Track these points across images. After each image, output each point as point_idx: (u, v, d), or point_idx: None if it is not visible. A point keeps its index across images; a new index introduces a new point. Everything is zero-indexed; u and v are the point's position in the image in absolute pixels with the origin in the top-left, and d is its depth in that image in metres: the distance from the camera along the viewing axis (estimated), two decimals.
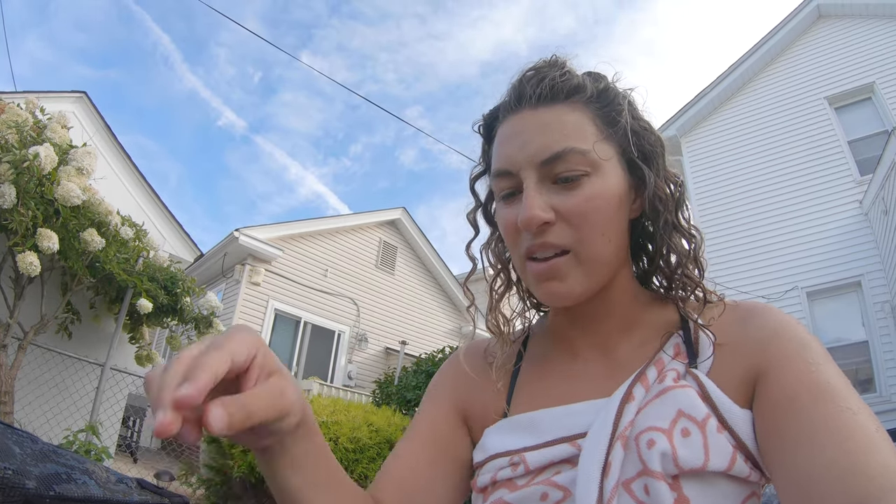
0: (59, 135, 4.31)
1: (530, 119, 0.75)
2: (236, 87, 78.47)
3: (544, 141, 0.72)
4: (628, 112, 0.76)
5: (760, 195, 10.29)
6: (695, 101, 11.79)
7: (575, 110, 0.74)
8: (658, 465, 0.62)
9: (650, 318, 0.81)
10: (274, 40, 35.06)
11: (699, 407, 0.65)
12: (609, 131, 0.75)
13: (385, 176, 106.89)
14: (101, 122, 8.29)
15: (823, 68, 10.66)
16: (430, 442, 0.86)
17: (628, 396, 0.69)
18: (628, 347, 0.79)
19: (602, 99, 0.76)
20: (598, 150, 0.72)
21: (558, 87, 0.75)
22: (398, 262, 14.88)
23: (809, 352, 0.65)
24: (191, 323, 5.80)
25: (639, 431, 0.65)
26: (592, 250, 0.73)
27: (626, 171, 0.76)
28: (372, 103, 7.39)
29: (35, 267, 3.99)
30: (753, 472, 0.63)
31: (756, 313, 0.73)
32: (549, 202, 0.72)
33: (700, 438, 0.62)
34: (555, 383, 0.82)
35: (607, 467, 0.64)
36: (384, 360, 13.49)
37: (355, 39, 56.83)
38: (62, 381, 5.25)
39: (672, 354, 0.74)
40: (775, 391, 0.63)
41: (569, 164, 0.71)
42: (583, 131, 0.73)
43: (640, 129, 0.77)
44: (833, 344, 8.84)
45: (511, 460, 0.74)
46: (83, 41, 63.53)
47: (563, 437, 0.72)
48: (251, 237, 11.25)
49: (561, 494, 0.68)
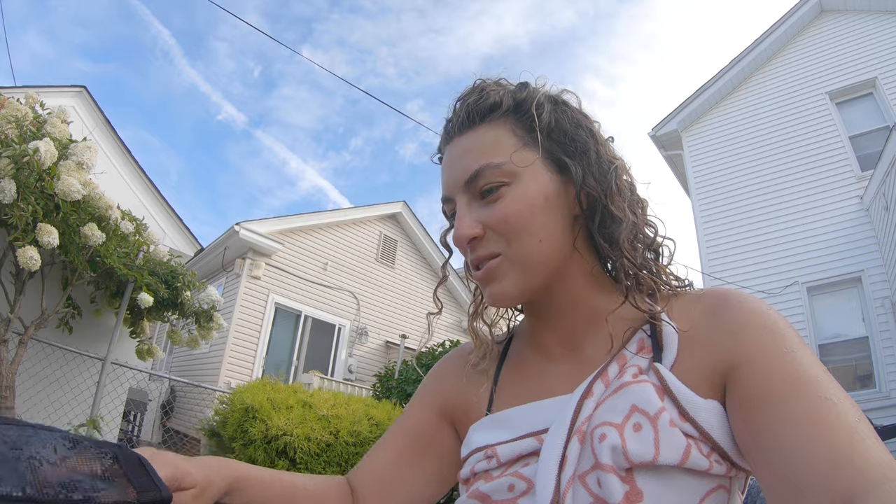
0: (58, 129, 4.30)
1: (456, 146, 0.83)
2: (236, 82, 78.32)
3: (466, 163, 0.80)
4: (550, 112, 0.81)
5: (761, 190, 10.28)
6: (696, 95, 11.77)
7: (493, 128, 0.80)
8: (609, 459, 0.63)
9: (619, 311, 0.79)
10: (274, 34, 34.99)
11: (653, 402, 0.65)
12: (528, 137, 0.79)
13: (385, 170, 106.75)
14: (101, 116, 8.26)
15: (825, 63, 10.63)
16: (412, 440, 0.94)
17: (588, 392, 0.72)
18: (595, 343, 0.81)
19: (519, 109, 0.81)
20: (516, 159, 0.77)
21: (474, 111, 0.81)
22: (398, 255, 14.86)
23: (782, 340, 0.65)
24: (191, 317, 5.82)
25: (594, 426, 0.67)
26: (521, 252, 0.77)
27: (556, 170, 0.80)
28: (372, 97, 7.37)
29: (35, 261, 3.99)
30: (718, 465, 0.63)
31: (725, 302, 0.73)
32: (478, 218, 0.79)
33: (651, 432, 0.63)
34: (530, 382, 0.85)
35: (564, 461, 0.67)
36: (384, 353, 13.50)
37: (355, 33, 56.67)
38: (63, 375, 5.28)
39: (635, 350, 0.75)
40: (751, 384, 0.63)
41: (487, 179, 0.77)
42: (499, 146, 0.78)
43: (565, 127, 0.81)
44: (833, 339, 8.86)
45: (486, 454, 0.78)
46: (83, 36, 63.37)
47: (530, 432, 0.76)
48: (251, 231, 11.24)
49: (525, 486, 0.71)
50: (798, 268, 9.40)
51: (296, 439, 4.97)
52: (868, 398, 7.92)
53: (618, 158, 0.83)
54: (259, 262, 11.58)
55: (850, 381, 8.44)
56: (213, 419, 6.11)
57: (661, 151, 12.60)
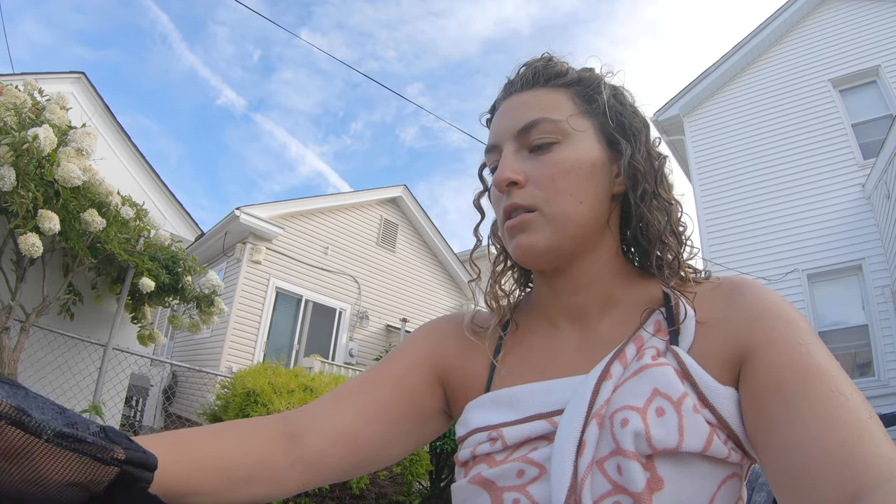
0: (58, 116, 4.29)
1: (515, 100, 0.83)
2: (235, 66, 77.99)
3: (522, 114, 0.80)
4: (610, 94, 0.82)
5: (762, 177, 10.24)
6: (698, 80, 11.68)
7: (555, 91, 0.82)
8: (631, 445, 0.61)
9: (634, 294, 0.80)
10: (273, 18, 34.74)
11: (676, 386, 0.64)
12: (587, 108, 0.81)
13: (385, 154, 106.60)
14: (101, 102, 8.21)
15: (829, 50, 10.54)
16: (400, 392, 0.84)
17: (605, 374, 0.69)
18: (609, 323, 0.79)
19: (583, 83, 0.83)
20: (572, 122, 0.79)
21: (540, 72, 0.83)
22: (399, 239, 14.85)
23: (798, 332, 0.64)
24: (192, 302, 5.85)
25: (614, 410, 0.65)
26: (558, 208, 0.76)
27: (605, 145, 0.81)
28: (373, 80, 7.31)
29: (37, 248, 4.00)
30: (734, 452, 0.63)
31: (742, 290, 0.72)
32: (522, 167, 0.78)
33: (675, 418, 0.62)
34: (535, 355, 0.83)
35: (582, 446, 0.65)
36: (385, 337, 13.54)
37: (355, 16, 56.41)
38: (65, 361, 5.30)
39: (652, 331, 0.73)
40: (763, 373, 0.62)
41: (540, 132, 0.78)
42: (558, 106, 0.80)
43: (621, 111, 0.82)
44: (832, 327, 8.87)
45: (489, 435, 0.74)
46: (81, 22, 62.99)
47: (540, 413, 0.72)
48: (252, 216, 11.22)
49: (537, 471, 0.68)
50: (798, 255, 9.39)
51: None
52: (867, 386, 7.93)
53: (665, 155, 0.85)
54: (260, 246, 11.58)
55: (850, 369, 8.45)
56: (215, 404, 6.14)
57: (663, 136, 12.49)
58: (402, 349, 0.91)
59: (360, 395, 0.83)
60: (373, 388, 0.84)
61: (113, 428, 0.49)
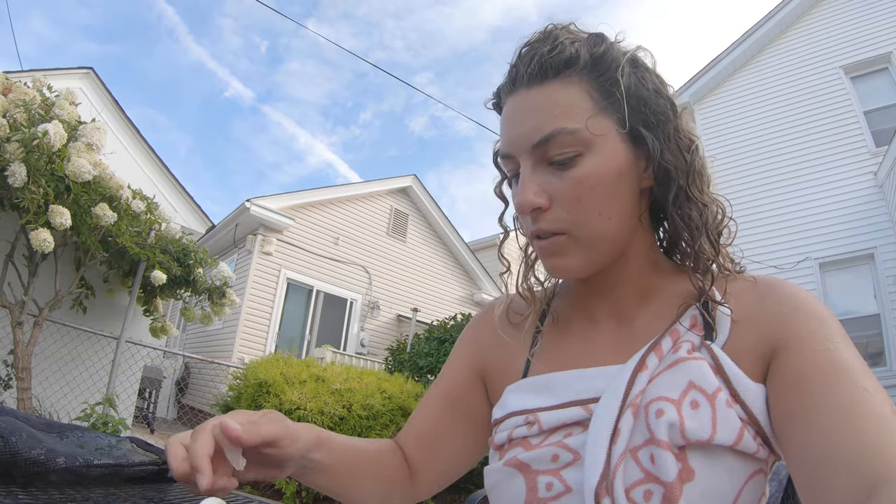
0: (67, 111, 4.31)
1: (523, 100, 0.75)
2: (243, 58, 77.90)
3: (535, 123, 0.73)
4: (630, 76, 0.74)
5: (774, 164, 10.14)
6: (708, 67, 11.55)
7: (567, 85, 0.73)
8: (665, 435, 0.63)
9: (670, 287, 0.81)
10: (279, 8, 34.62)
11: (710, 380, 0.65)
12: (606, 102, 0.73)
13: (394, 143, 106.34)
14: (109, 97, 8.23)
15: (840, 37, 10.37)
16: (445, 400, 0.93)
17: (641, 365, 0.70)
18: (645, 316, 0.80)
19: (598, 67, 0.74)
20: (592, 126, 0.72)
21: (548, 63, 0.73)
22: (409, 229, 14.85)
23: (828, 330, 0.65)
24: (204, 294, 5.87)
25: (649, 400, 0.66)
26: (589, 230, 0.73)
27: (630, 141, 0.75)
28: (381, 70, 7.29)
29: (48, 243, 4.03)
30: (762, 448, 0.64)
31: (775, 288, 0.73)
32: (544, 186, 0.74)
33: (709, 411, 0.63)
34: (572, 346, 0.84)
35: (616, 434, 0.66)
36: (396, 327, 13.58)
37: (361, 7, 56.08)
38: (78, 355, 5.35)
39: (688, 326, 0.74)
40: (791, 369, 0.63)
41: (559, 147, 0.72)
42: (574, 109, 0.72)
43: (644, 94, 0.75)
44: (844, 316, 8.78)
45: (526, 419, 0.76)
46: (87, 16, 63.06)
47: (577, 400, 0.74)
48: (262, 207, 11.27)
49: (571, 457, 0.70)
50: (810, 243, 9.31)
51: (309, 413, 5.02)
52: (879, 376, 7.76)
53: (696, 135, 0.80)
54: (270, 237, 11.63)
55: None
56: (227, 395, 6.18)
57: None
58: (449, 359, 0.99)
59: (419, 414, 0.96)
60: (431, 399, 0.96)
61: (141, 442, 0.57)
